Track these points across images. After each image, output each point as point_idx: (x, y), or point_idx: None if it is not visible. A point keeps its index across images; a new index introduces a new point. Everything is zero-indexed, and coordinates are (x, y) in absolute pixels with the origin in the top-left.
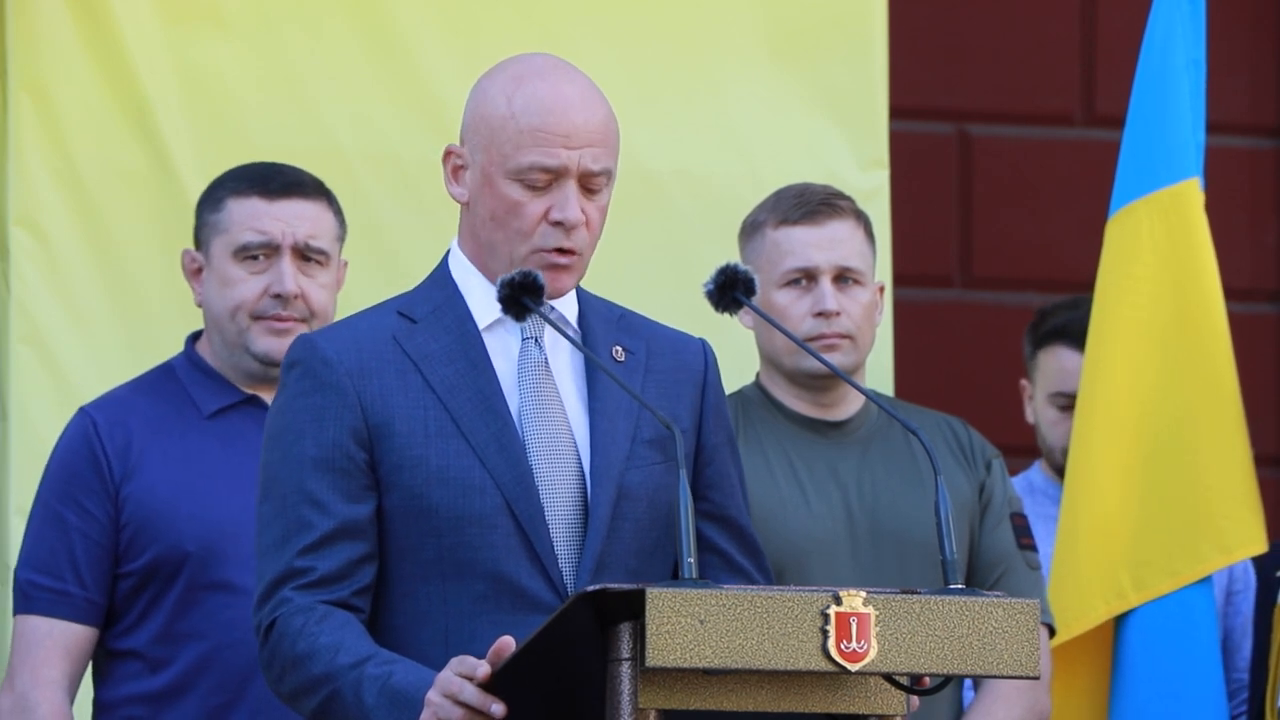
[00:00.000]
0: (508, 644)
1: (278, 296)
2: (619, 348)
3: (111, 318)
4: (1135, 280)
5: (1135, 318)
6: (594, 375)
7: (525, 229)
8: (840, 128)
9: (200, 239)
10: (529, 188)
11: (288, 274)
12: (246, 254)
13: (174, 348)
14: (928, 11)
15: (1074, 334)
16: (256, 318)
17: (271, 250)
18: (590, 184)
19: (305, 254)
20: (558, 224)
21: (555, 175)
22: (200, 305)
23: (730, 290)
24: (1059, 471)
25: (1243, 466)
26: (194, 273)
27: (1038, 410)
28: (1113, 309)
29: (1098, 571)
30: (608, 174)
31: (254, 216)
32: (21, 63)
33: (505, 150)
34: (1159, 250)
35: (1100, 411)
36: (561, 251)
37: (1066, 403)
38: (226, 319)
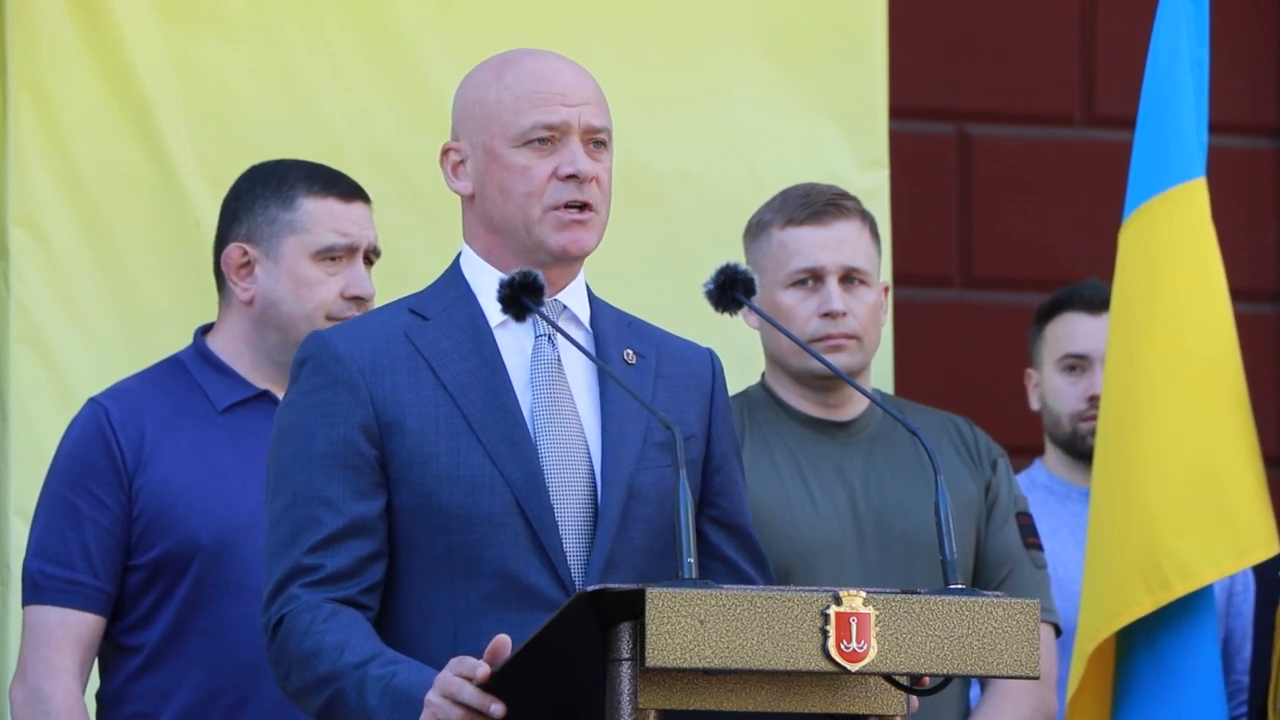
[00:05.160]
0: (504, 643)
1: (355, 299)
2: (630, 351)
3: (111, 318)
4: (1159, 277)
5: (1160, 312)
6: (606, 376)
7: (534, 189)
8: (840, 128)
9: (259, 235)
10: (535, 150)
11: (365, 277)
12: (328, 255)
13: (174, 347)
14: (928, 11)
15: (1079, 301)
16: (331, 319)
17: (348, 253)
18: (595, 137)
19: (368, 257)
20: (570, 178)
21: (559, 132)
22: (250, 301)
23: (730, 290)
24: (1063, 446)
25: (1258, 462)
26: (241, 267)
27: (1045, 383)
28: (1141, 305)
29: (1138, 564)
30: (608, 133)
31: (335, 218)
32: (21, 63)
33: (505, 120)
34: (1177, 248)
35: (1129, 409)
36: (576, 206)
37: (1075, 362)
38: (302, 319)
